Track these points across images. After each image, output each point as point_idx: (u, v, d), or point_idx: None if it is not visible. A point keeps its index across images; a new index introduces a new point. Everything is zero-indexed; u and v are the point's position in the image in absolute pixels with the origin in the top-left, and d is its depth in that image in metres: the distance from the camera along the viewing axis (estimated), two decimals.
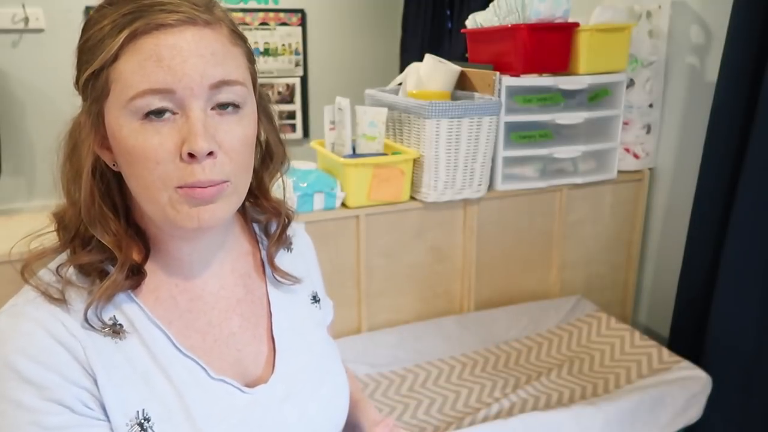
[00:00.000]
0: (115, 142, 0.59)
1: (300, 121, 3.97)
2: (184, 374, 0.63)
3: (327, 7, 3.89)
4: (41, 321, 0.58)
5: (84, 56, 0.59)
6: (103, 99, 0.58)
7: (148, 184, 0.58)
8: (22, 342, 0.57)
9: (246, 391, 0.67)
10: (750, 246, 1.50)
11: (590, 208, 1.89)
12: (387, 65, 3.96)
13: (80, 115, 0.61)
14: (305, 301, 0.80)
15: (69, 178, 0.63)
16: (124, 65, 0.56)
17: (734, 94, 1.51)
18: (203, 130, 0.57)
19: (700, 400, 1.46)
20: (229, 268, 0.72)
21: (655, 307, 2.00)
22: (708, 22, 1.72)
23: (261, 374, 0.70)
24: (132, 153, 0.57)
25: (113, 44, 0.56)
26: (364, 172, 1.56)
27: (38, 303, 0.60)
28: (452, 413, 1.42)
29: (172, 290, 0.66)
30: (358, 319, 1.68)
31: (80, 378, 0.58)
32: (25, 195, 3.18)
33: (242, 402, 0.66)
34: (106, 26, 0.57)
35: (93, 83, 0.58)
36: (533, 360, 1.63)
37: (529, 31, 1.63)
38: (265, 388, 0.68)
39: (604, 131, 1.83)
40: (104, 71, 0.57)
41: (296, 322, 0.76)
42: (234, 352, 0.69)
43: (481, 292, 1.82)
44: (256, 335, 0.71)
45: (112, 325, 0.61)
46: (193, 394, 0.63)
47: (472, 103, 1.59)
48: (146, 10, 0.56)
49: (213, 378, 0.65)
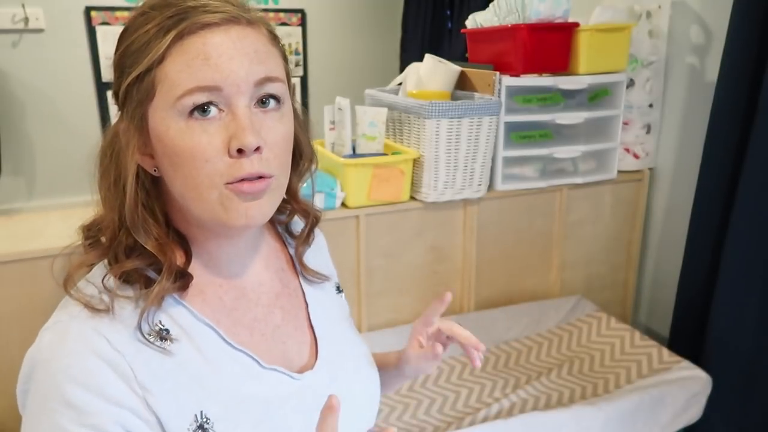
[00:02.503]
0: (160, 145, 0.59)
1: None
2: (237, 368, 0.64)
3: (327, 7, 3.89)
4: (86, 338, 0.58)
5: (127, 60, 0.59)
6: (148, 102, 0.59)
7: (197, 184, 0.59)
8: (67, 361, 0.57)
9: (296, 377, 0.69)
10: (750, 246, 1.50)
11: (590, 208, 1.89)
12: (387, 65, 3.96)
13: (119, 122, 0.62)
14: (332, 292, 0.83)
15: (107, 187, 0.63)
16: (170, 65, 0.57)
17: (734, 94, 1.51)
18: (251, 125, 0.58)
19: (700, 400, 1.46)
20: (264, 264, 0.74)
21: (655, 307, 2.00)
22: (708, 22, 1.72)
23: (306, 362, 0.73)
24: (180, 153, 0.58)
25: (160, 45, 0.57)
26: (364, 172, 1.56)
27: (82, 318, 0.59)
28: (452, 413, 1.42)
29: (217, 290, 0.68)
30: (358, 319, 1.68)
31: (124, 397, 0.57)
32: (25, 195, 3.18)
33: (294, 388, 0.68)
34: (151, 29, 0.57)
35: (138, 87, 0.58)
36: (533, 360, 1.63)
37: (529, 31, 1.63)
38: (312, 374, 0.71)
39: (604, 131, 1.83)
40: (150, 73, 0.57)
41: (329, 311, 0.79)
42: (280, 345, 0.71)
43: (481, 293, 1.82)
44: (298, 326, 0.74)
45: (159, 331, 0.61)
46: (249, 386, 0.64)
47: (472, 103, 1.59)
48: (190, 11, 0.57)
49: (265, 368, 0.66)
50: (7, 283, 1.36)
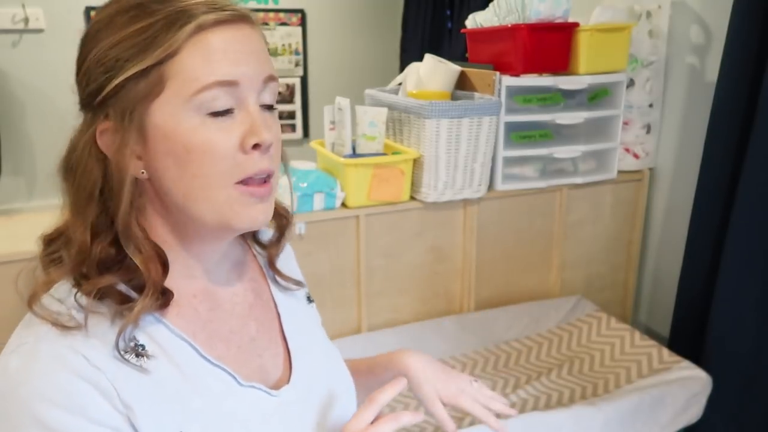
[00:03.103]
0: (166, 142, 0.57)
1: (300, 121, 3.97)
2: (215, 385, 0.62)
3: (327, 7, 3.89)
4: (60, 358, 0.54)
5: (122, 55, 0.55)
6: (153, 98, 0.56)
7: (208, 183, 0.58)
8: (41, 384, 0.52)
9: (274, 394, 0.67)
10: (750, 246, 1.50)
11: (590, 208, 1.89)
12: (387, 65, 3.96)
13: (92, 124, 0.58)
14: (303, 302, 0.81)
15: (78, 197, 0.60)
16: (187, 59, 0.55)
17: (734, 94, 1.51)
18: (264, 121, 0.59)
19: (700, 400, 1.46)
20: (236, 274, 0.72)
21: (655, 307, 2.00)
22: (708, 22, 1.72)
23: (281, 375, 0.71)
24: (192, 150, 0.57)
25: (175, 38, 0.55)
26: (364, 172, 1.56)
27: (52, 338, 0.55)
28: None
29: (191, 301, 0.65)
30: (358, 319, 1.68)
31: (108, 417, 0.54)
32: (25, 195, 3.18)
33: (272, 405, 0.66)
34: (155, 23, 0.55)
35: (139, 82, 0.56)
36: (533, 360, 1.63)
37: (529, 31, 1.63)
38: (288, 388, 0.69)
39: (604, 131, 1.83)
40: (159, 68, 0.55)
41: (301, 322, 0.77)
42: (256, 357, 0.69)
43: (481, 292, 1.82)
44: (272, 338, 0.72)
45: (135, 347, 0.58)
46: (228, 404, 0.62)
47: (472, 103, 1.59)
48: (199, 6, 0.57)
49: (243, 385, 0.64)
50: (7, 283, 1.35)
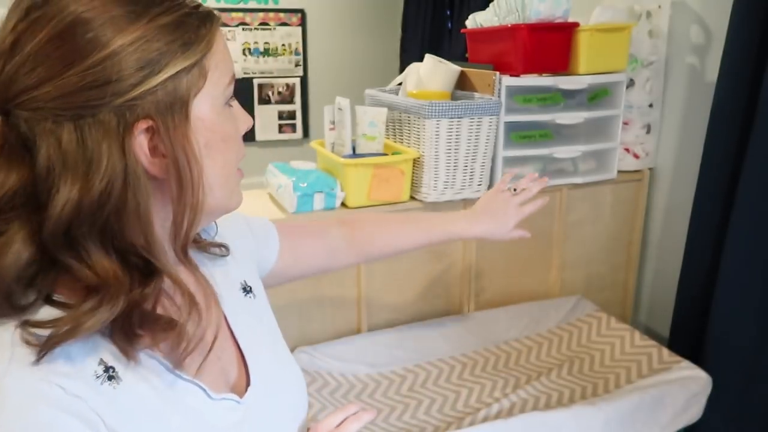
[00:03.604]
0: (206, 133, 0.57)
1: (300, 121, 3.97)
2: (189, 400, 0.60)
3: (327, 7, 3.90)
4: (33, 392, 0.48)
5: (166, 48, 0.52)
6: (196, 92, 0.56)
7: (231, 168, 0.63)
8: (18, 426, 0.46)
9: (242, 401, 0.66)
10: (750, 246, 1.50)
11: (590, 208, 1.89)
12: (387, 65, 3.96)
13: (141, 121, 0.53)
14: (239, 296, 0.77)
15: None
16: (218, 54, 0.59)
17: (734, 94, 1.51)
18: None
19: (700, 400, 1.46)
20: (186, 274, 0.67)
21: (655, 307, 2.01)
22: (708, 22, 1.72)
23: (238, 375, 0.69)
24: (227, 138, 0.61)
25: (210, 33, 0.57)
26: (364, 172, 1.56)
27: (16, 372, 0.48)
28: (452, 413, 1.42)
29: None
30: (358, 319, 1.68)
31: None
32: None
33: (241, 413, 0.66)
34: (189, 15, 0.55)
35: (181, 77, 0.54)
36: (533, 360, 1.63)
37: (529, 31, 1.63)
38: (251, 391, 0.68)
39: (604, 131, 1.83)
40: (200, 62, 0.56)
41: (244, 318, 0.74)
42: (217, 362, 0.67)
43: (481, 292, 1.82)
44: (225, 337, 0.70)
45: (105, 369, 0.54)
46: (205, 420, 0.61)
47: (472, 103, 1.60)
48: (189, 4, 0.57)
49: (214, 399, 0.63)
50: None
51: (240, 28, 3.86)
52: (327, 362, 1.54)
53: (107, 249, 0.54)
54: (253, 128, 3.92)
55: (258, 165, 1.90)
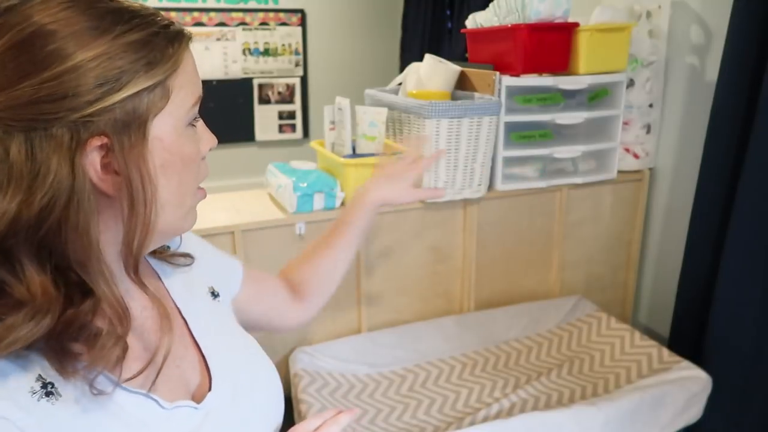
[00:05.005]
0: (163, 153, 0.56)
1: (300, 121, 3.97)
2: (138, 412, 0.58)
3: (327, 7, 3.90)
4: None
5: (129, 67, 0.52)
6: (157, 111, 0.55)
7: (189, 190, 0.61)
8: None
9: (199, 407, 0.64)
10: (750, 246, 1.50)
11: (590, 208, 1.89)
12: (387, 65, 3.96)
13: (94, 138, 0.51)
14: (206, 300, 0.77)
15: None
16: (182, 74, 0.57)
17: (734, 94, 1.51)
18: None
19: (700, 400, 1.46)
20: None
21: (655, 307, 2.00)
22: (708, 22, 1.72)
23: (201, 382, 0.68)
24: (185, 159, 0.59)
25: (177, 52, 0.56)
26: (364, 172, 1.56)
27: None
28: (452, 413, 1.42)
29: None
30: (358, 319, 1.68)
31: None
32: None
33: (199, 418, 0.64)
34: (156, 34, 0.54)
35: (143, 96, 0.53)
36: (533, 360, 1.63)
37: (529, 31, 1.63)
38: (211, 395, 0.66)
39: (604, 131, 1.83)
40: (163, 83, 0.55)
41: (207, 322, 0.74)
42: (175, 369, 0.65)
43: (481, 292, 1.82)
44: (185, 344, 0.69)
45: (43, 385, 0.52)
46: (156, 430, 0.59)
47: (472, 103, 1.60)
48: (163, 20, 0.56)
49: (166, 408, 0.61)
50: None
51: (240, 28, 3.86)
52: (327, 362, 1.54)
53: (43, 264, 0.52)
54: (253, 128, 3.93)
55: (258, 165, 1.90)
